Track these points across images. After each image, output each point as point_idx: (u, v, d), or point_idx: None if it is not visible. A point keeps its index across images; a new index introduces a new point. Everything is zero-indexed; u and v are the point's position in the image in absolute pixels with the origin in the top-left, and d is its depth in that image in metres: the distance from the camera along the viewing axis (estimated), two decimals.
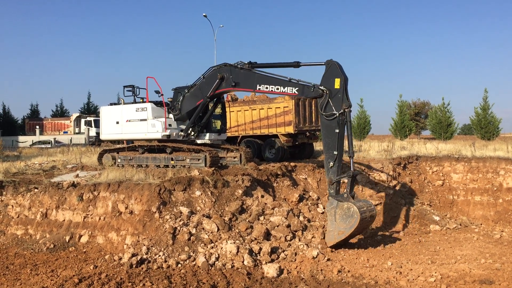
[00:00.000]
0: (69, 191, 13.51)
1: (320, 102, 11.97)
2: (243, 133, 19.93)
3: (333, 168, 11.89)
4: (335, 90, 11.73)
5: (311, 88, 12.05)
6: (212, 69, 14.32)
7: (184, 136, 15.23)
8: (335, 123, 11.75)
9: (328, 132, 11.97)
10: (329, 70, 11.89)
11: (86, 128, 44.00)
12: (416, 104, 61.41)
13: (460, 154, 18.59)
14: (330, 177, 11.95)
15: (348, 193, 11.75)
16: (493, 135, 38.04)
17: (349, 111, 11.75)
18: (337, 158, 11.85)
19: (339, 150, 11.88)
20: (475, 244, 12.56)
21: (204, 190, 12.66)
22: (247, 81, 13.36)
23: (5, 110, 57.43)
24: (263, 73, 13.09)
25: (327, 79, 11.88)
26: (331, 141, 11.93)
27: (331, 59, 11.93)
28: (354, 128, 44.31)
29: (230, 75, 13.66)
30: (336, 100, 11.71)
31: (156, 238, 10.89)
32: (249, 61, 13.39)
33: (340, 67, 11.83)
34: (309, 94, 12.22)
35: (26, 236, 13.14)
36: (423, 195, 17.03)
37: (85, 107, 60.77)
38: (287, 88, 12.49)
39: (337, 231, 11.36)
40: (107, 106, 16.85)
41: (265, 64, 13.43)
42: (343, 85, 11.67)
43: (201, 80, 14.62)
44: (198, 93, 14.72)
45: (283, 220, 12.22)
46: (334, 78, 11.75)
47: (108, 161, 16.36)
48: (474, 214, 16.45)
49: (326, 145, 12.08)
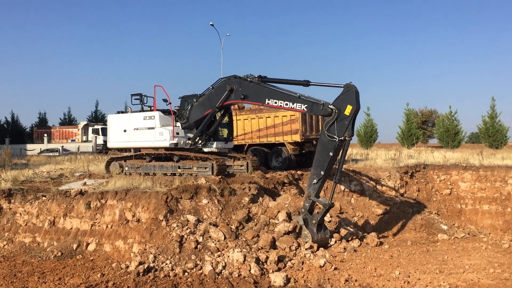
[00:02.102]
0: (77, 199, 13.57)
1: (327, 120, 11.84)
2: (250, 141, 19.97)
3: (315, 186, 12.12)
4: (343, 115, 11.54)
5: (320, 106, 11.88)
6: (221, 80, 14.31)
7: (191, 145, 15.29)
8: (332, 146, 11.71)
9: (322, 150, 11.98)
10: (346, 94, 11.61)
11: (93, 136, 44.22)
12: (423, 113, 61.16)
13: (467, 162, 18.49)
14: (310, 191, 12.23)
15: (317, 221, 12.10)
16: (501, 144, 37.75)
17: (349, 140, 11.76)
18: (322, 178, 12.03)
19: (326, 171, 11.98)
20: (484, 254, 12.45)
21: (211, 198, 12.67)
22: (256, 94, 13.29)
23: (13, 118, 57.94)
24: (273, 88, 13.00)
25: (341, 102, 11.64)
26: (322, 160, 11.97)
27: (351, 83, 11.62)
28: (361, 137, 44.22)
29: (240, 87, 13.62)
30: (341, 125, 11.57)
31: (163, 246, 10.90)
32: (259, 75, 13.31)
33: (357, 95, 11.54)
34: (318, 112, 12.07)
35: (34, 244, 13.19)
36: (431, 204, 16.93)
37: (93, 115, 61.12)
38: (296, 105, 12.36)
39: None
40: (114, 114, 16.95)
41: (275, 79, 13.32)
42: (353, 114, 11.50)
43: (210, 91, 14.63)
44: (206, 103, 14.76)
45: (290, 228, 12.18)
46: (347, 104, 11.52)
47: (116, 169, 16.44)
48: (483, 223, 16.32)
49: (316, 161, 12.14)
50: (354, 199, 16.20)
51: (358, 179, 16.84)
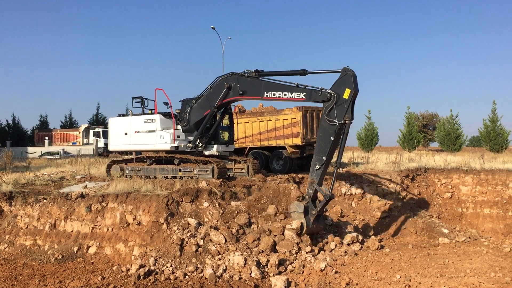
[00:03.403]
0: (78, 202, 13.58)
1: (326, 105, 11.99)
2: (251, 144, 19.97)
3: (318, 171, 12.15)
4: (342, 99, 11.69)
5: (318, 92, 12.07)
6: (219, 79, 14.42)
7: (192, 148, 15.29)
8: (333, 131, 11.82)
9: (323, 136, 12.08)
10: (343, 78, 11.81)
11: (94, 139, 44.27)
12: (424, 116, 61.15)
13: (468, 166, 18.48)
14: (313, 178, 12.24)
15: (317, 212, 12.16)
16: (502, 147, 37.72)
17: (349, 124, 11.82)
18: (324, 164, 12.04)
19: (328, 156, 12.03)
20: (485, 258, 12.43)
21: (211, 202, 12.68)
22: (254, 89, 13.45)
23: (15, 121, 57.94)
24: (270, 81, 13.15)
25: (339, 86, 11.83)
26: (324, 145, 12.05)
27: (348, 67, 11.82)
28: (361, 140, 44.20)
29: (237, 83, 13.75)
30: (341, 109, 11.69)
31: (163, 250, 10.90)
32: (256, 69, 13.48)
33: (354, 78, 11.71)
34: (317, 98, 12.19)
35: (34, 247, 13.20)
36: (432, 208, 16.91)
37: (94, 118, 61.14)
38: (295, 94, 12.52)
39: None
40: (115, 117, 16.97)
41: (272, 72, 13.49)
42: (352, 98, 11.62)
43: (208, 91, 14.72)
44: (205, 104, 14.80)
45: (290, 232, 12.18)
46: (346, 87, 11.68)
47: (117, 172, 16.43)
48: (484, 227, 16.29)
49: (318, 147, 12.24)
50: (355, 203, 16.18)
51: (359, 183, 16.83)
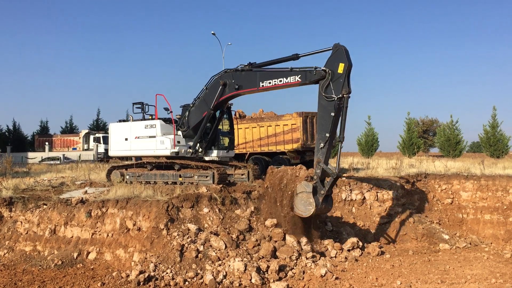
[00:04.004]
0: (78, 208, 13.57)
1: (322, 83, 12.11)
2: (251, 150, 20.00)
3: (323, 150, 12.08)
4: (337, 74, 11.86)
5: (313, 71, 12.26)
6: (214, 78, 14.57)
7: (192, 153, 15.29)
8: (332, 106, 11.88)
9: (324, 114, 12.11)
10: (335, 54, 12.04)
11: (94, 145, 44.30)
12: (424, 122, 61.22)
13: (469, 172, 18.45)
14: (319, 157, 12.14)
15: (325, 191, 11.95)
16: (502, 153, 37.66)
17: (347, 97, 11.91)
18: (328, 140, 12.00)
19: (331, 133, 12.03)
20: (486, 264, 12.40)
21: (212, 207, 12.67)
22: (249, 81, 13.63)
23: (15, 126, 57.98)
24: (264, 70, 13.36)
25: (332, 62, 12.03)
26: (325, 122, 12.07)
27: (339, 43, 12.03)
28: (362, 145, 44.17)
29: (232, 79, 13.94)
30: (337, 84, 11.85)
31: (163, 255, 10.88)
32: (249, 62, 13.68)
33: (346, 52, 11.93)
34: (312, 77, 12.33)
35: (34, 253, 13.18)
36: (432, 213, 16.88)
37: (94, 124, 61.21)
38: (290, 78, 12.74)
39: (297, 208, 12.08)
40: (115, 122, 17.00)
41: (265, 62, 13.65)
42: (346, 71, 11.82)
43: (204, 92, 14.86)
44: (203, 105, 14.90)
45: (291, 238, 12.17)
46: (339, 62, 11.89)
47: (117, 178, 16.42)
48: (484, 233, 16.26)
49: (320, 126, 12.24)
50: (355, 208, 16.17)
51: (359, 188, 16.81)
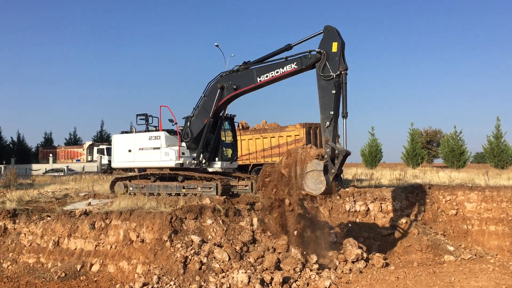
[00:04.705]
0: (81, 219, 13.56)
1: (318, 65, 12.33)
2: (255, 161, 20.01)
3: (329, 128, 12.12)
4: (332, 53, 12.15)
5: (308, 55, 12.55)
6: (210, 84, 14.75)
7: (196, 164, 15.27)
8: (332, 85, 12.03)
9: (324, 94, 12.24)
10: (327, 35, 12.37)
11: (98, 156, 44.35)
12: (427, 132, 61.07)
13: (473, 183, 18.38)
14: (327, 136, 12.18)
15: (336, 170, 11.85)
16: (506, 164, 37.54)
17: (345, 74, 12.09)
18: (333, 118, 12.06)
19: (335, 110, 12.11)
20: (491, 276, 12.30)
21: (215, 219, 12.64)
22: (246, 79, 13.84)
23: (19, 138, 58.30)
24: (260, 65, 13.63)
25: (325, 43, 12.34)
26: (327, 102, 12.15)
27: (329, 25, 12.39)
28: (365, 156, 44.15)
29: (229, 81, 14.15)
30: (333, 62, 12.09)
31: (167, 267, 10.85)
32: (243, 61, 13.95)
33: (338, 32, 12.27)
34: (308, 61, 12.57)
35: (37, 265, 13.15)
36: (437, 225, 16.77)
37: (98, 135, 61.38)
38: (286, 67, 13.02)
39: (307, 186, 11.79)
40: (119, 134, 17.04)
41: (259, 58, 13.83)
42: (340, 49, 12.09)
43: (203, 99, 14.99)
44: (203, 112, 15.00)
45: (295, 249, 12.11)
46: (332, 42, 12.20)
47: (120, 189, 16.43)
48: (489, 245, 16.13)
49: (322, 106, 12.30)
50: (359, 219, 16.11)
51: (363, 199, 16.76)
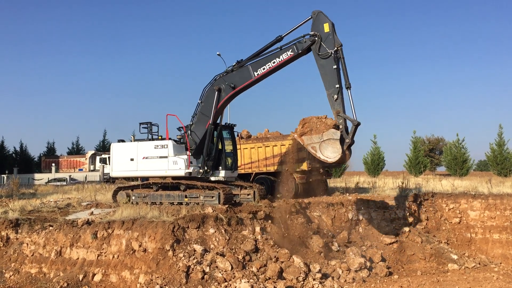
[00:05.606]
0: (84, 229, 13.54)
1: (314, 47, 13.06)
2: (257, 170, 19.99)
3: (338, 100, 12.63)
4: (325, 33, 12.99)
5: (302, 40, 13.29)
6: (206, 89, 15.01)
7: (202, 173, 15.22)
8: (331, 61, 12.77)
9: (326, 71, 12.89)
10: (317, 18, 13.21)
11: (101, 166, 44.40)
12: (430, 140, 60.95)
13: (476, 191, 18.33)
14: (337, 108, 12.65)
15: (350, 140, 12.20)
16: (509, 172, 37.39)
17: (341, 49, 12.77)
18: (339, 91, 12.61)
19: (340, 83, 12.68)
20: (495, 284, 12.20)
21: (217, 228, 12.62)
22: (243, 76, 14.31)
23: (22, 148, 58.31)
24: (255, 60, 14.12)
25: (317, 26, 13.18)
26: (331, 77, 12.78)
27: (316, 9, 13.19)
28: (368, 165, 44.06)
29: (225, 81, 14.49)
30: (328, 41, 12.92)
31: (169, 277, 10.81)
32: (236, 61, 14.41)
33: (325, 14, 13.06)
34: (303, 45, 13.29)
35: (40, 275, 13.11)
36: (440, 233, 16.70)
37: (101, 145, 61.38)
38: (281, 56, 13.66)
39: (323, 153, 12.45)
40: (117, 143, 16.91)
41: (252, 55, 14.27)
42: (332, 28, 12.94)
43: (200, 105, 15.18)
44: (203, 118, 15.15)
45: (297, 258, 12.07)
46: (323, 23, 13.06)
47: (123, 199, 16.40)
48: (493, 253, 16.04)
49: (326, 82, 12.87)
50: (362, 228, 16.05)
51: (366, 208, 16.71)
